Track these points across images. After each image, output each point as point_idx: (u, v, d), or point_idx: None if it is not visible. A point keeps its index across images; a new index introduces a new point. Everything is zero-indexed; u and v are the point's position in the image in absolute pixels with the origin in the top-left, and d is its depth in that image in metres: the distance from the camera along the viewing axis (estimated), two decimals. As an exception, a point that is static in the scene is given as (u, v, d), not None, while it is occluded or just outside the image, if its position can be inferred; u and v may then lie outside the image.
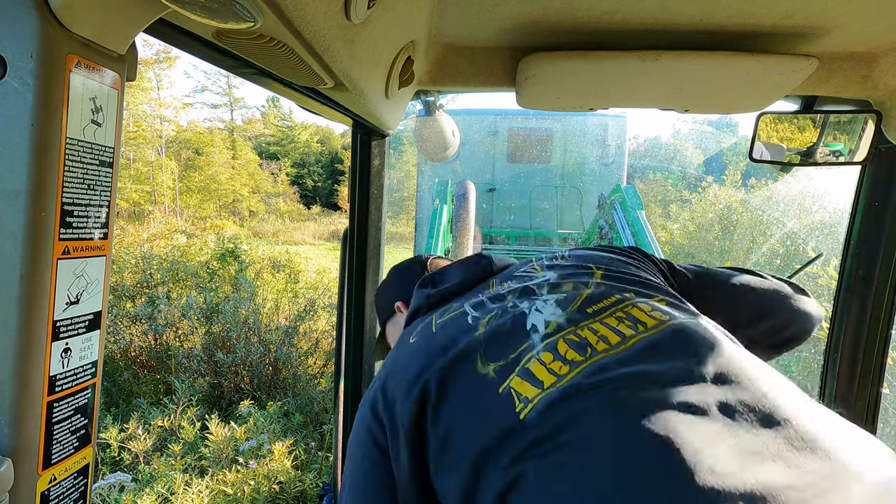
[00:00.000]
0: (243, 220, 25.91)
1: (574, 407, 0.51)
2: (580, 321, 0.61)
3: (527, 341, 0.61)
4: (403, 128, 1.42)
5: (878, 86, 1.03)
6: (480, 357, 0.61)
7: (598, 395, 0.51)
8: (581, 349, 0.57)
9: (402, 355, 0.69)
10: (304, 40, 0.55)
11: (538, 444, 0.50)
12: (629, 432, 0.47)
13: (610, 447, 0.47)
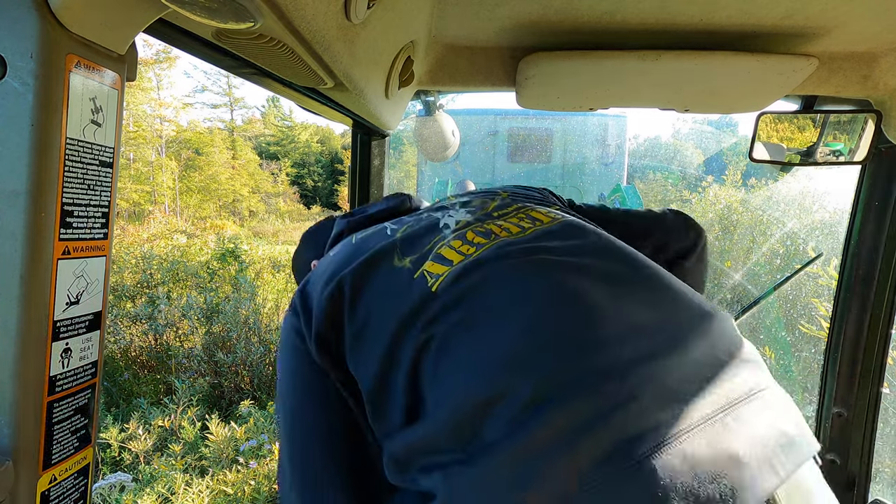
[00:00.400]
0: (243, 220, 25.91)
1: (478, 275, 0.58)
2: (486, 220, 0.70)
3: (439, 234, 0.67)
4: (403, 128, 1.42)
5: (878, 85, 1.03)
6: (397, 254, 0.66)
7: (499, 263, 0.59)
8: (486, 236, 0.64)
9: (321, 266, 0.72)
10: (304, 40, 0.55)
11: (447, 310, 0.56)
12: (529, 290, 0.54)
13: (515, 302, 0.54)
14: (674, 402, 0.46)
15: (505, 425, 0.46)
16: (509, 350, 0.50)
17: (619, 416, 0.45)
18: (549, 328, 0.51)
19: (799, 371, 3.75)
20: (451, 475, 0.49)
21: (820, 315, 3.28)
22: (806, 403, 3.54)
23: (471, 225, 0.68)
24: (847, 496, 1.38)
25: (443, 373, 0.54)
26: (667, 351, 0.50)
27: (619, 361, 0.48)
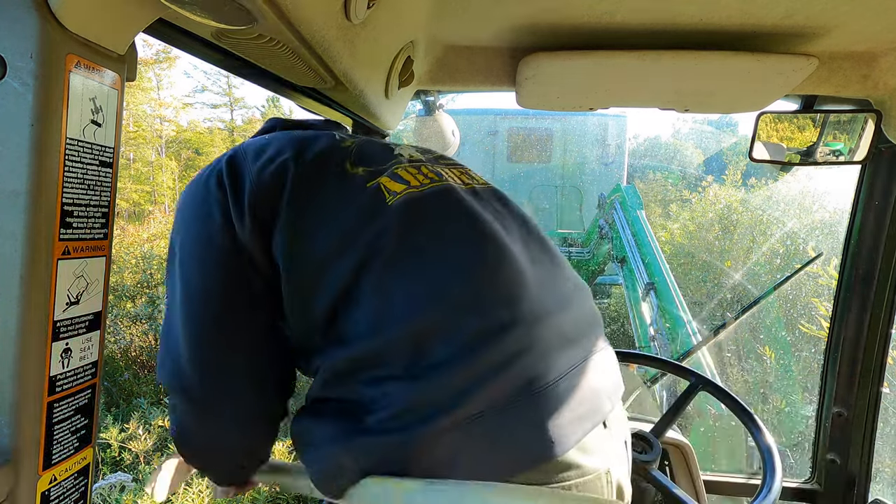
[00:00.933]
0: (243, 220, 25.84)
1: (434, 205, 0.66)
2: (436, 163, 0.77)
3: (394, 158, 0.73)
4: (403, 128, 1.42)
5: (878, 85, 1.03)
6: (350, 161, 0.70)
7: (452, 201, 0.67)
8: (438, 175, 0.72)
9: (255, 143, 0.70)
10: (304, 40, 0.55)
11: (401, 228, 0.62)
12: (475, 236, 0.65)
13: (465, 243, 0.64)
14: (565, 347, 0.63)
15: (455, 349, 0.56)
16: (460, 288, 0.60)
17: (536, 352, 0.59)
18: (494, 278, 0.62)
19: (799, 371, 3.75)
20: (400, 387, 0.56)
21: (820, 315, 3.29)
22: (806, 403, 3.54)
23: (423, 163, 0.75)
24: (847, 496, 1.38)
25: (391, 289, 0.60)
26: (562, 309, 0.65)
27: (536, 312, 0.62)
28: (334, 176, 0.67)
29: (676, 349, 2.69)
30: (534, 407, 0.57)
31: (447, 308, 0.59)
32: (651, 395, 2.60)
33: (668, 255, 5.73)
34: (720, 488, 1.46)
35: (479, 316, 0.59)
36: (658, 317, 2.97)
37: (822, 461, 1.41)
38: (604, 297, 6.96)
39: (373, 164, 0.70)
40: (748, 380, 4.20)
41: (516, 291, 0.62)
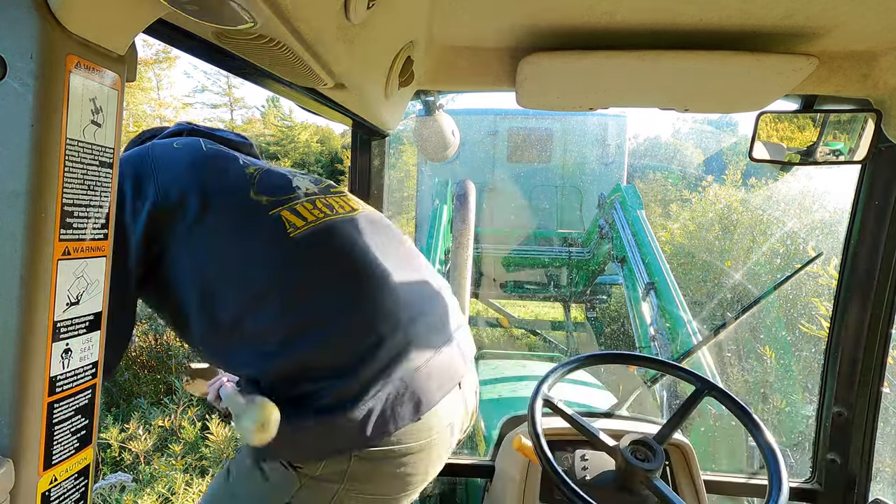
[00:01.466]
0: (243, 221, 25.82)
1: (325, 236, 0.84)
2: (326, 194, 0.95)
3: (294, 193, 0.89)
4: (403, 128, 1.42)
5: (878, 85, 1.03)
6: (253, 189, 0.84)
7: (341, 233, 0.86)
8: (329, 208, 0.90)
9: (164, 151, 0.84)
10: (303, 40, 0.55)
11: (302, 256, 0.81)
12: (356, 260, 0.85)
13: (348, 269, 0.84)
14: (433, 335, 0.87)
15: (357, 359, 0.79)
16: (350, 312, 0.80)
17: (413, 347, 0.83)
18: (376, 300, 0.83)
19: (799, 371, 3.75)
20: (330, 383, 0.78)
21: (820, 315, 3.29)
22: (806, 403, 3.54)
23: (317, 195, 0.92)
24: (847, 496, 1.38)
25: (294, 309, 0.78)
26: (429, 308, 0.91)
27: (411, 316, 0.85)
28: (240, 203, 0.82)
29: (676, 349, 2.69)
30: (415, 384, 0.81)
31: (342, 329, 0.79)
32: (651, 395, 2.59)
33: (668, 255, 5.73)
34: (720, 488, 1.46)
35: (368, 333, 0.80)
36: (658, 317, 2.96)
37: (823, 461, 1.41)
38: (604, 297, 6.96)
39: (274, 195, 0.86)
40: (748, 380, 4.20)
41: (392, 307, 0.83)
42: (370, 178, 1.37)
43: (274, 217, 0.82)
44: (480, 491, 1.73)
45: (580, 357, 1.27)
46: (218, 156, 0.87)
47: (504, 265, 6.26)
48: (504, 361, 3.20)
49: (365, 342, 0.79)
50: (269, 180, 0.87)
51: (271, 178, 0.88)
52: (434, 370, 0.84)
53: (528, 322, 7.52)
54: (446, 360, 0.88)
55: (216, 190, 0.80)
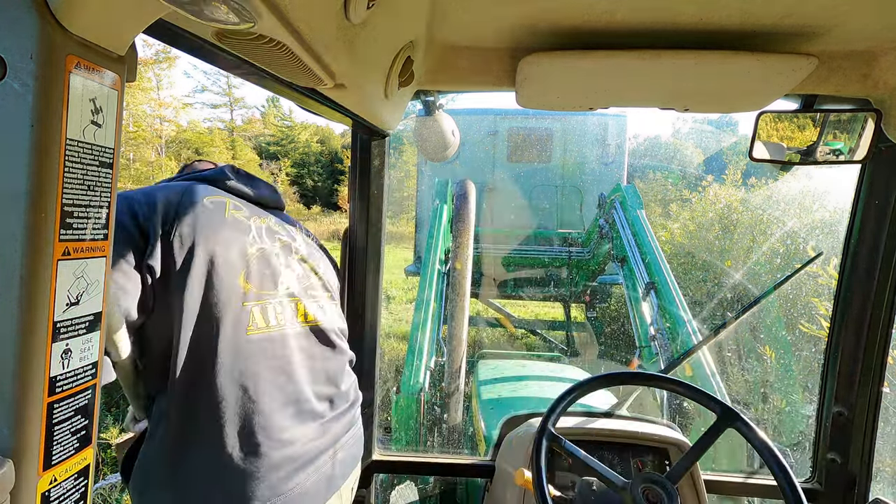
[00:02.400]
0: (243, 221, 25.81)
1: (270, 347, 0.97)
2: (303, 297, 1.08)
3: (275, 290, 1.02)
4: (403, 128, 1.42)
5: (878, 84, 1.03)
6: (244, 274, 0.97)
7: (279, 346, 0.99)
8: (295, 314, 1.05)
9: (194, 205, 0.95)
10: (303, 41, 0.55)
11: (244, 353, 0.93)
12: (278, 374, 0.99)
13: (271, 380, 0.97)
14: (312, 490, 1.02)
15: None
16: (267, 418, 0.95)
17: (302, 459, 0.99)
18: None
19: (799, 370, 3.75)
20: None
21: (820, 314, 3.28)
22: (806, 403, 3.54)
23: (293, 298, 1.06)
24: (848, 495, 1.38)
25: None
26: (318, 458, 1.03)
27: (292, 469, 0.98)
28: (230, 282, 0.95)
29: (676, 349, 2.69)
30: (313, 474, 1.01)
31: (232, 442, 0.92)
32: (651, 395, 2.60)
33: (668, 255, 5.73)
34: (720, 488, 1.46)
35: (250, 459, 0.92)
36: (658, 316, 2.97)
37: (823, 461, 1.41)
38: (604, 297, 6.96)
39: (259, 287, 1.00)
40: (748, 380, 4.20)
41: (313, 426, 1.02)
42: (370, 178, 1.37)
43: (246, 309, 0.95)
44: (480, 491, 1.73)
45: (590, 380, 1.22)
46: (235, 226, 1.00)
47: (504, 265, 6.26)
48: (504, 361, 3.20)
49: (244, 469, 0.91)
50: (262, 269, 1.00)
51: (265, 266, 1.01)
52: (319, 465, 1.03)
53: (528, 322, 7.52)
54: (333, 472, 1.06)
55: (220, 262, 0.93)
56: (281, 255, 1.06)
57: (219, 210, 0.98)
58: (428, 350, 2.66)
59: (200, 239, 0.91)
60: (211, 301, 0.91)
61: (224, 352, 0.91)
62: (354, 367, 1.30)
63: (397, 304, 10.11)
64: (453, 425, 2.65)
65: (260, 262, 1.00)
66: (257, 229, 1.04)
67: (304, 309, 1.06)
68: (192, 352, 0.89)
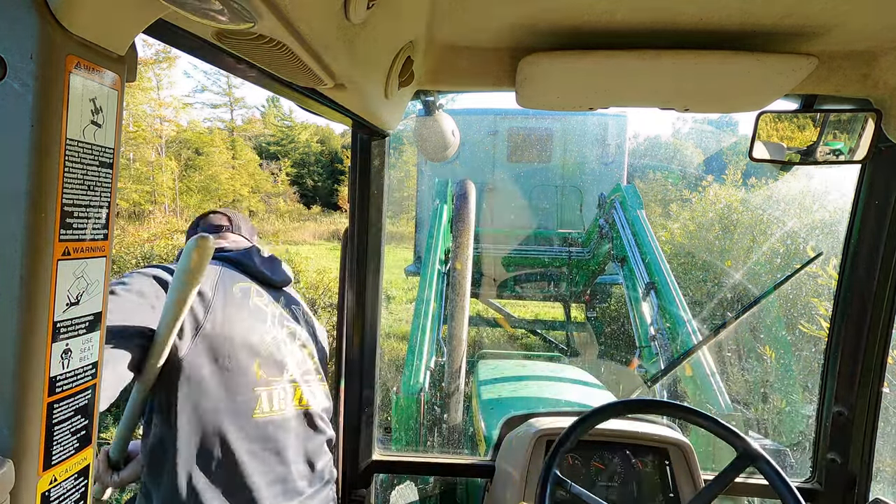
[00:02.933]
0: (243, 220, 25.82)
1: (270, 429, 1.09)
2: (300, 382, 1.18)
3: (280, 377, 1.13)
4: (403, 128, 1.42)
5: (878, 84, 1.03)
6: (258, 362, 1.09)
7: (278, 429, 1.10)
8: (293, 398, 1.16)
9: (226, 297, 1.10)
10: (303, 41, 0.55)
11: (255, 434, 1.06)
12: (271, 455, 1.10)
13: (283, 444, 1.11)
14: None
15: None
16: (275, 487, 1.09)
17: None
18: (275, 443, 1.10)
19: (799, 370, 3.75)
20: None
21: (819, 314, 3.28)
22: (806, 403, 3.54)
23: (293, 383, 1.16)
24: (848, 495, 1.38)
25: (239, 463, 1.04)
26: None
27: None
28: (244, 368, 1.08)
29: (676, 349, 2.69)
30: None
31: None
32: (651, 395, 2.60)
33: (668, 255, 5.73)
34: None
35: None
36: (658, 316, 2.97)
37: (823, 461, 1.41)
38: (604, 297, 6.96)
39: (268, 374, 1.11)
40: (748, 380, 4.20)
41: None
42: (370, 178, 1.37)
43: (256, 394, 1.07)
44: (480, 491, 1.73)
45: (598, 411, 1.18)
46: (257, 314, 1.14)
47: (504, 265, 6.26)
48: (504, 361, 3.20)
49: None
50: (274, 357, 1.13)
51: (276, 355, 1.13)
52: None
53: (528, 322, 7.52)
54: None
55: (240, 344, 1.06)
56: (287, 342, 1.19)
57: (245, 297, 1.14)
58: (428, 350, 2.66)
59: (227, 325, 1.05)
60: (226, 382, 1.03)
61: (230, 431, 1.02)
62: (354, 366, 1.30)
63: (397, 304, 10.11)
64: (453, 425, 2.65)
65: (272, 350, 1.13)
66: (272, 317, 1.18)
67: (301, 394, 1.18)
68: (200, 425, 1.00)
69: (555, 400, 2.42)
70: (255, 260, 1.23)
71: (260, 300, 1.18)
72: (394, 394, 2.46)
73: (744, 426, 2.17)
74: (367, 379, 1.46)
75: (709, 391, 2.29)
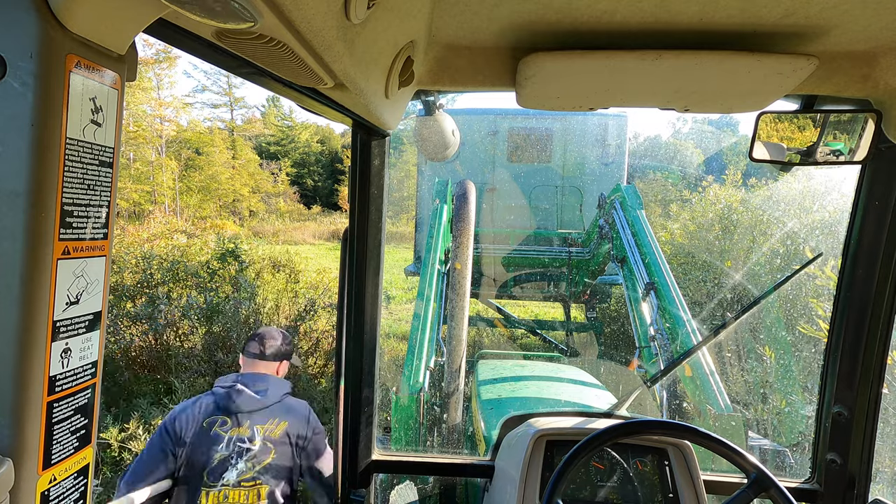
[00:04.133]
0: (243, 220, 25.90)
1: None
2: (238, 486, 1.67)
3: (224, 480, 1.66)
4: (403, 128, 1.42)
5: (879, 85, 1.03)
6: (209, 468, 1.67)
7: None
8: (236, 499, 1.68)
9: (198, 430, 1.74)
10: (303, 40, 0.55)
11: None
12: None
13: None
14: None
15: None
16: None
17: None
18: None
19: (799, 371, 3.75)
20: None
21: (818, 315, 3.28)
22: (806, 403, 3.54)
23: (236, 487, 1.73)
24: (847, 496, 1.38)
25: None
26: None
27: None
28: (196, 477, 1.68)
29: (676, 349, 2.69)
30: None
31: None
32: (651, 395, 2.60)
33: (668, 255, 5.72)
34: (720, 488, 1.46)
35: None
36: (658, 317, 2.97)
37: (823, 461, 1.41)
38: (604, 297, 6.96)
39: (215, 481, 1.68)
40: (748, 380, 4.20)
41: None
42: (370, 178, 1.37)
43: (203, 493, 1.66)
44: (480, 491, 1.73)
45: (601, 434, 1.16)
46: (215, 442, 1.71)
47: (504, 265, 6.26)
48: (504, 362, 3.20)
49: None
50: (219, 468, 1.68)
51: (222, 465, 1.68)
52: None
53: (528, 322, 7.52)
54: None
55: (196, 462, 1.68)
56: (235, 457, 1.71)
57: (208, 429, 1.73)
58: (428, 350, 2.66)
59: (189, 454, 1.69)
60: (183, 485, 1.68)
61: None
62: (354, 366, 1.30)
63: (397, 304, 10.11)
64: (453, 425, 2.65)
65: (219, 464, 1.68)
66: (228, 440, 1.72)
67: (242, 493, 1.70)
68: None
69: (554, 400, 2.43)
70: (233, 398, 1.78)
71: (221, 428, 1.75)
72: (393, 394, 2.46)
73: (744, 426, 2.17)
74: (366, 379, 1.46)
75: (708, 391, 2.29)
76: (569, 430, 1.43)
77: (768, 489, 1.07)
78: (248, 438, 1.74)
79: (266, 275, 7.48)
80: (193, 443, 1.68)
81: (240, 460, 1.71)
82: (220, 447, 1.70)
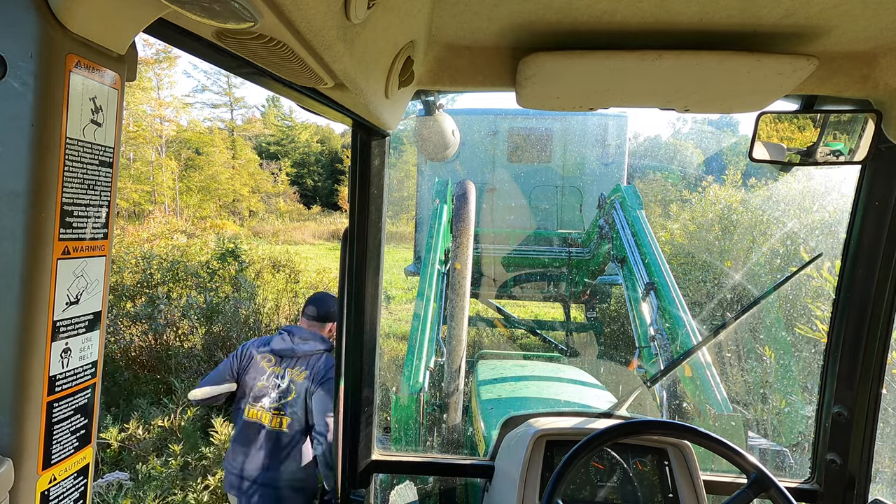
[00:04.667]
0: (243, 220, 25.90)
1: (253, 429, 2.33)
2: (269, 411, 2.28)
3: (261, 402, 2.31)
4: (403, 128, 1.42)
5: (879, 85, 1.03)
6: (252, 391, 2.32)
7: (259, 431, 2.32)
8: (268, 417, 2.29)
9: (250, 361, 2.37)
10: (303, 40, 0.55)
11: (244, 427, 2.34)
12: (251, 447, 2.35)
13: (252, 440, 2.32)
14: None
15: None
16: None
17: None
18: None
19: (799, 371, 3.75)
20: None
21: (815, 317, 3.29)
22: (806, 403, 3.54)
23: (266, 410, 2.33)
24: (847, 496, 1.38)
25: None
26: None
27: None
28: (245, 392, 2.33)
29: (676, 349, 2.69)
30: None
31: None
32: (651, 395, 2.59)
33: (668, 255, 5.73)
34: (720, 488, 1.46)
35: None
36: (658, 317, 2.96)
37: (822, 461, 1.41)
38: (604, 297, 6.95)
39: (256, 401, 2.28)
40: (748, 380, 4.20)
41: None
42: (370, 178, 1.37)
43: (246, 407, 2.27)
44: (480, 491, 1.73)
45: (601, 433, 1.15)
46: (260, 372, 2.28)
47: (504, 265, 6.26)
48: (504, 362, 3.20)
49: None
50: (259, 392, 2.24)
51: (261, 391, 2.24)
52: None
53: (528, 322, 7.52)
54: None
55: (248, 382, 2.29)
56: (270, 389, 2.25)
57: (259, 360, 2.30)
58: (428, 350, 2.66)
59: (244, 375, 2.29)
60: (240, 396, 2.30)
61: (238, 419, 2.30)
62: (354, 366, 1.30)
63: (397, 304, 10.11)
64: (453, 425, 2.65)
65: (259, 390, 2.25)
66: (268, 375, 2.26)
67: (269, 417, 2.23)
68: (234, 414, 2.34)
69: (554, 400, 2.43)
70: (277, 339, 2.33)
71: (267, 363, 2.30)
72: (393, 394, 2.46)
73: (743, 426, 2.17)
74: (366, 379, 1.46)
75: (708, 392, 2.29)
76: (569, 430, 1.43)
77: (768, 489, 1.07)
78: (280, 377, 2.24)
79: (266, 275, 7.48)
80: (247, 368, 2.27)
81: (272, 391, 2.22)
82: (262, 377, 2.25)
